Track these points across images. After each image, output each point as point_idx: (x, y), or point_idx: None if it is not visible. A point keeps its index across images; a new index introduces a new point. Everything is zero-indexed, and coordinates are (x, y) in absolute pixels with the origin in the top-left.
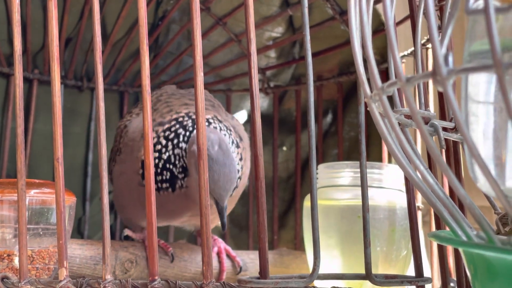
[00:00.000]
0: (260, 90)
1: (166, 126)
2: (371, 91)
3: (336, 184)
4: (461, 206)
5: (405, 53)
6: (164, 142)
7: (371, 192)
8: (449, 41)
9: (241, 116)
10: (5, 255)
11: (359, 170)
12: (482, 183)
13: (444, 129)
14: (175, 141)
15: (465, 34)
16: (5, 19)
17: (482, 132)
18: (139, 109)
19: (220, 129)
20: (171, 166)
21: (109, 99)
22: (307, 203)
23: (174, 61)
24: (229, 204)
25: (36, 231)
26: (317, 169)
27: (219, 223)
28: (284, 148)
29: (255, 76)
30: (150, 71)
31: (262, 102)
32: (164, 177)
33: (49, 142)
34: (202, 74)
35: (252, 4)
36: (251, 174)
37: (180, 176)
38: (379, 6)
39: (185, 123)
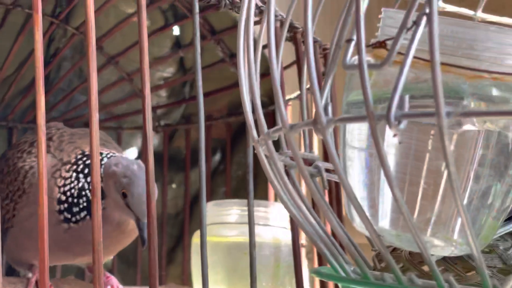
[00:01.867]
0: None
1: (73, 161)
2: (258, 136)
3: (224, 221)
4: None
5: (292, 96)
6: (75, 174)
7: (257, 229)
8: (329, 91)
9: (131, 153)
10: None
11: (246, 208)
12: (358, 223)
13: (328, 170)
14: (86, 170)
15: (344, 85)
16: None
17: (358, 176)
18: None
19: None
20: (86, 192)
21: None
22: (195, 239)
23: (66, 98)
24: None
25: None
26: None
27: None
28: (174, 186)
29: (149, 117)
30: None
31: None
32: (81, 206)
33: None
34: (97, 114)
35: (146, 47)
36: None
37: None
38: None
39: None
